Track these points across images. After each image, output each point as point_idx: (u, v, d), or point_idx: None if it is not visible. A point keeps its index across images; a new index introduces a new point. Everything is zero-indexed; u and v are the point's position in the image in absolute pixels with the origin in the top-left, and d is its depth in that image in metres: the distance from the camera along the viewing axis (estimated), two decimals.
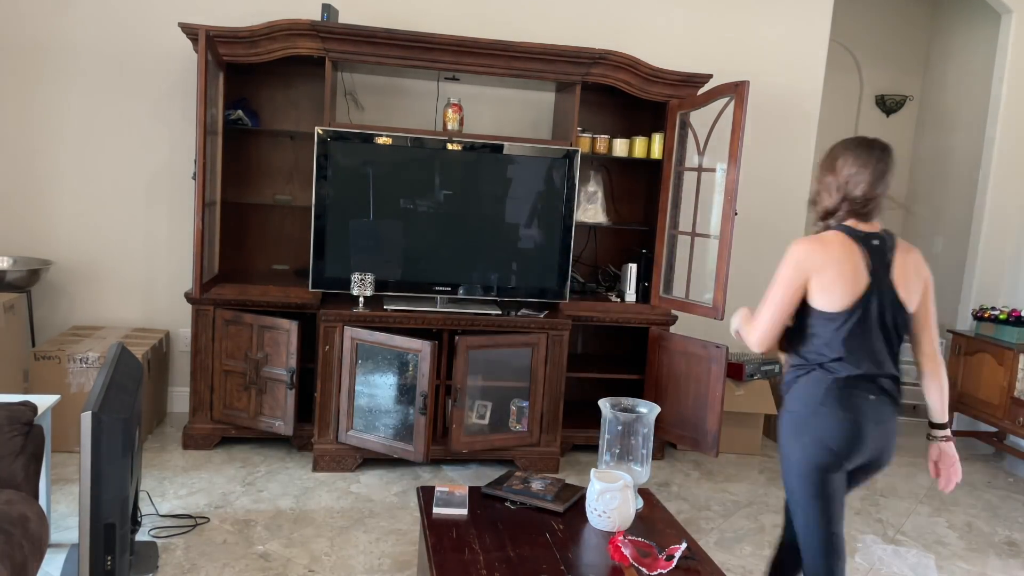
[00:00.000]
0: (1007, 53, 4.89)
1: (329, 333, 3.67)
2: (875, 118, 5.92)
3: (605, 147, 4.21)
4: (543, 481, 2.59)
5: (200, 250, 3.47)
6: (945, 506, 3.91)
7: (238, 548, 2.94)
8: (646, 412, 2.44)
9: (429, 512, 2.36)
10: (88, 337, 3.95)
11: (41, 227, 4.17)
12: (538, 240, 3.99)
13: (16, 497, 2.22)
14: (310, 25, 3.64)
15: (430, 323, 3.75)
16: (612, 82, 3.96)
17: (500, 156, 3.91)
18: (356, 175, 3.80)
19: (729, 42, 4.60)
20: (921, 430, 5.16)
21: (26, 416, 2.41)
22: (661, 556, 2.08)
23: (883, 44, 5.82)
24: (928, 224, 5.75)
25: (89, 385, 3.63)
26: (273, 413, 3.76)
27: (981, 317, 4.74)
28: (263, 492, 3.46)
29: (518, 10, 4.38)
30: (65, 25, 4.07)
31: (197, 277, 3.51)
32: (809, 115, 4.75)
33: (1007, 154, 4.94)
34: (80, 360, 3.65)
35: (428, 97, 4.31)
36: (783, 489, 2.24)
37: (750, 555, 3.23)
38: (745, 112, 3.64)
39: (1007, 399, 4.45)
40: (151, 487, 3.40)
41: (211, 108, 3.67)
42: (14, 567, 1.99)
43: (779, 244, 4.77)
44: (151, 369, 3.88)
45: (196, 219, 3.43)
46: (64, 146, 4.15)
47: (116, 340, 3.62)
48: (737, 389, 4.32)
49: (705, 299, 3.93)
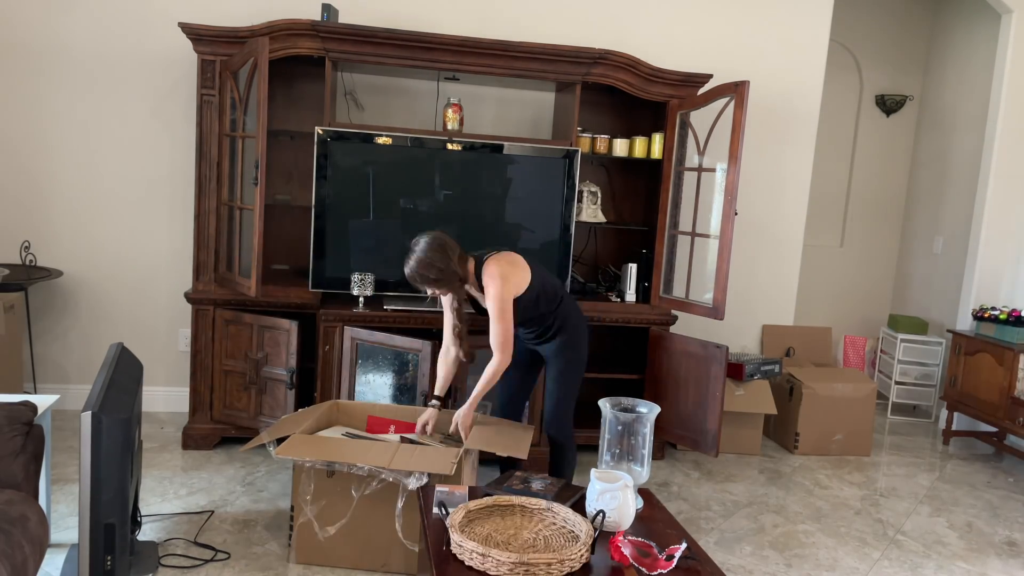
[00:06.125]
0: (1007, 53, 4.89)
1: (329, 333, 3.67)
2: (875, 118, 5.92)
3: (605, 147, 4.21)
4: (543, 481, 2.58)
5: (259, 250, 3.52)
6: (945, 506, 3.91)
7: (238, 548, 2.94)
8: (646, 412, 2.44)
9: (429, 512, 2.36)
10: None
11: (41, 227, 4.18)
12: (538, 240, 3.99)
13: (16, 497, 2.22)
14: (310, 25, 3.64)
15: (430, 323, 3.75)
16: (612, 82, 3.96)
17: (500, 156, 3.91)
18: (356, 175, 3.80)
19: (729, 42, 4.60)
20: (921, 430, 5.16)
21: (26, 416, 2.41)
22: (661, 556, 2.08)
23: (883, 44, 5.82)
24: (928, 224, 5.75)
25: None
26: (273, 413, 3.76)
27: (981, 317, 4.74)
28: (263, 492, 3.46)
29: (518, 10, 4.38)
30: (64, 25, 4.07)
31: (259, 275, 3.54)
32: (809, 115, 4.75)
33: (1007, 154, 4.93)
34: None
35: (428, 97, 4.31)
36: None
37: (750, 555, 3.23)
38: (745, 112, 3.64)
39: (1007, 399, 4.45)
40: (151, 487, 3.40)
41: (235, 112, 3.69)
42: (14, 567, 1.99)
43: (779, 244, 4.82)
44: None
45: (257, 222, 3.47)
46: (64, 146, 4.15)
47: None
48: (737, 389, 4.32)
49: (705, 299, 3.93)
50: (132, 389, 2.50)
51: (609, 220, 4.39)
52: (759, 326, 4.93)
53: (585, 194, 4.25)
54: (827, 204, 5.90)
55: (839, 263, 6.00)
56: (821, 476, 4.16)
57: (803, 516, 3.64)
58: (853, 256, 6.03)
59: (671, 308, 4.11)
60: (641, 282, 4.18)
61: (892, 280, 6.11)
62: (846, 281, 6.02)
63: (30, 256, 4.12)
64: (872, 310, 6.07)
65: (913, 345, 5.35)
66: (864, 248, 6.04)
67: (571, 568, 1.97)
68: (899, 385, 5.37)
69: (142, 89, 4.17)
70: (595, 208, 4.30)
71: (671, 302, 4.09)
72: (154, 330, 4.33)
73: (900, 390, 5.38)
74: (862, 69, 5.83)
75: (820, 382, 4.46)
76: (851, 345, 5.73)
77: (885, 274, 6.10)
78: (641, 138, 4.21)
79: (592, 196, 4.28)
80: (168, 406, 4.37)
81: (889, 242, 6.07)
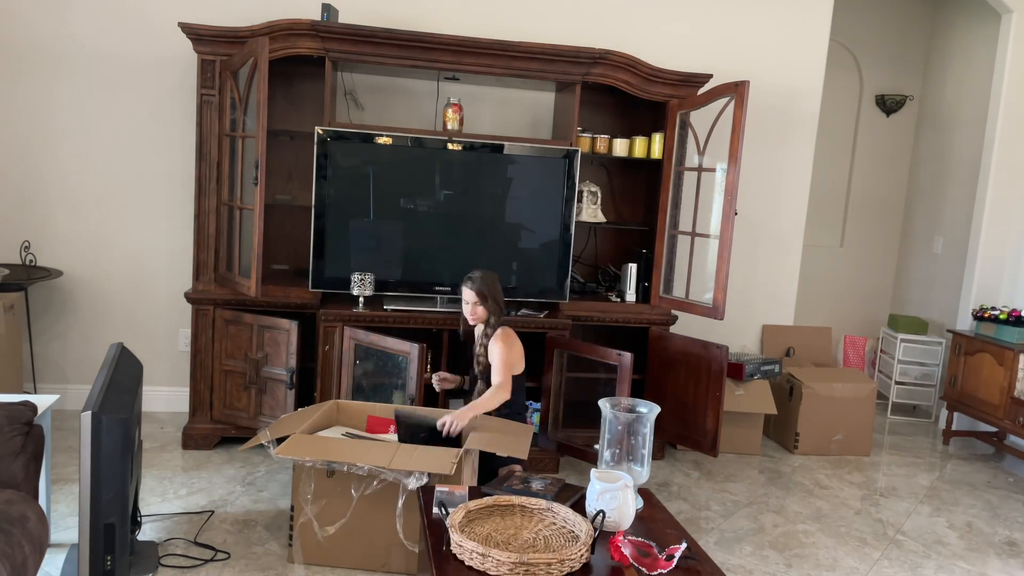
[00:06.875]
0: (1007, 53, 4.88)
1: (329, 333, 3.67)
2: (875, 118, 5.91)
3: (605, 147, 4.21)
4: (543, 481, 2.58)
5: (259, 250, 3.51)
6: (945, 506, 3.91)
7: (238, 548, 2.94)
8: (646, 412, 2.44)
9: (429, 512, 2.36)
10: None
11: (41, 227, 4.18)
12: (538, 240, 3.99)
13: (16, 497, 2.22)
14: (310, 25, 3.64)
15: (430, 323, 3.75)
16: (612, 82, 3.96)
17: (500, 156, 3.91)
18: (356, 175, 3.80)
19: (729, 42, 4.60)
20: (921, 430, 5.16)
21: (26, 416, 2.41)
22: (661, 556, 2.07)
23: (883, 44, 5.82)
24: (928, 224, 5.75)
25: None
26: (273, 413, 3.76)
27: (981, 317, 4.74)
28: (263, 492, 3.46)
29: (518, 10, 4.38)
30: (64, 25, 4.07)
31: (258, 275, 3.53)
32: (809, 115, 4.75)
33: (1007, 154, 4.93)
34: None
35: (428, 97, 4.31)
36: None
37: (750, 555, 3.23)
38: (745, 112, 3.64)
39: (1007, 399, 4.45)
40: (151, 487, 3.40)
41: (234, 112, 3.68)
42: (14, 567, 1.99)
43: (779, 244, 4.82)
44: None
45: (257, 222, 3.47)
46: (64, 146, 4.15)
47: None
48: (737, 389, 4.32)
49: (705, 299, 3.93)
50: (132, 389, 2.50)
51: (609, 220, 4.39)
52: (759, 326, 4.93)
53: (585, 194, 4.25)
54: (827, 204, 5.89)
55: (839, 263, 6.00)
56: (821, 476, 4.16)
57: (803, 516, 3.64)
58: (853, 256, 6.03)
59: (671, 308, 4.11)
60: (641, 282, 4.18)
61: (892, 280, 6.11)
62: (846, 281, 6.02)
63: (30, 256, 4.12)
64: (872, 310, 6.07)
65: (913, 345, 5.35)
66: (864, 248, 6.04)
67: (571, 568, 1.97)
68: (899, 385, 5.37)
69: (142, 89, 4.17)
70: (595, 208, 4.30)
71: (671, 302, 4.09)
72: (154, 330, 4.32)
73: (900, 390, 5.38)
74: (862, 69, 5.83)
75: (820, 382, 4.46)
76: (851, 345, 5.73)
77: (885, 274, 6.10)
78: (641, 138, 4.21)
79: (592, 196, 4.28)
80: (168, 406, 4.37)
81: (889, 242, 6.07)
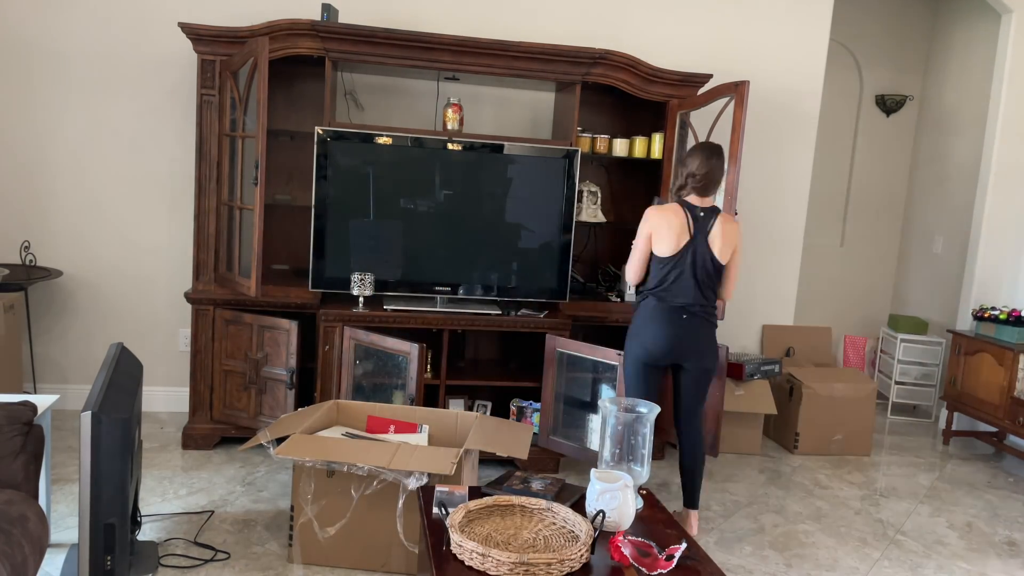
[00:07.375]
0: (1007, 53, 4.88)
1: (329, 333, 3.67)
2: (875, 118, 5.91)
3: (605, 147, 4.21)
4: (543, 481, 2.58)
5: (259, 250, 3.51)
6: (945, 506, 3.91)
7: (238, 548, 2.94)
8: (646, 412, 2.44)
9: (429, 512, 2.36)
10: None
11: (41, 227, 4.17)
12: (538, 240, 3.99)
13: (16, 497, 2.22)
14: (310, 25, 3.64)
15: (430, 323, 3.75)
16: (612, 82, 3.96)
17: (500, 156, 3.91)
18: (356, 175, 3.80)
19: (729, 42, 4.60)
20: (921, 430, 5.16)
21: (26, 416, 2.41)
22: (661, 556, 2.07)
23: (883, 44, 5.82)
24: (928, 224, 5.75)
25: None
26: (273, 413, 3.76)
27: (981, 317, 4.74)
28: (263, 492, 3.46)
29: (518, 10, 4.38)
30: (64, 25, 4.07)
31: (258, 275, 3.48)
32: (809, 115, 4.75)
33: (1007, 154, 4.93)
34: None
35: (428, 97, 4.31)
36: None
37: (750, 555, 3.23)
38: (745, 112, 3.64)
39: (1007, 399, 4.45)
40: (151, 487, 3.40)
41: (234, 112, 3.68)
42: (14, 567, 1.99)
43: (779, 244, 4.82)
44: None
45: (257, 222, 3.46)
46: (64, 146, 4.15)
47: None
48: (737, 389, 4.32)
49: None
50: (132, 389, 2.50)
51: (609, 220, 4.38)
52: (759, 326, 4.93)
53: (585, 194, 4.25)
54: (827, 204, 5.89)
55: (839, 263, 6.00)
56: (821, 476, 4.16)
57: (803, 516, 3.64)
58: (853, 256, 6.03)
59: None
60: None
61: (892, 280, 6.11)
62: (846, 281, 6.02)
63: (30, 256, 4.12)
64: (872, 310, 6.07)
65: (913, 345, 5.35)
66: (864, 248, 6.04)
67: (571, 568, 1.97)
68: (899, 385, 5.37)
69: (142, 89, 4.17)
70: (595, 208, 4.30)
71: None
72: (154, 330, 4.32)
73: (900, 390, 5.38)
74: (862, 69, 5.83)
75: (820, 382, 4.46)
76: (851, 345, 5.73)
77: (885, 274, 6.10)
78: (641, 138, 4.21)
79: (592, 196, 4.28)
80: (168, 406, 4.37)
81: (889, 242, 6.07)
